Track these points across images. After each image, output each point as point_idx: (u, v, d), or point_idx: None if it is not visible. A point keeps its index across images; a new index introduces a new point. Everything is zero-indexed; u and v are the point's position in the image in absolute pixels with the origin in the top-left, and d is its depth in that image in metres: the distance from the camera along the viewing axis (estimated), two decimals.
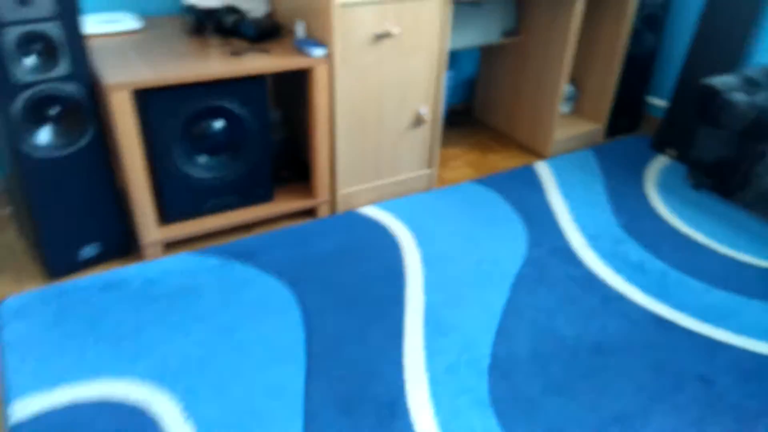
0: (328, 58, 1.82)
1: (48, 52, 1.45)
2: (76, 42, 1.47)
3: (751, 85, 2.16)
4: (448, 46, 2.06)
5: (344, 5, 1.77)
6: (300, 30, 1.87)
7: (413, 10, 1.90)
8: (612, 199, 2.29)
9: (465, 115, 2.98)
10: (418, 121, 2.12)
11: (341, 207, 2.14)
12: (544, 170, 2.48)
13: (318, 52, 1.78)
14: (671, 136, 2.60)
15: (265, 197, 2.01)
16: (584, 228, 2.11)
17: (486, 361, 1.54)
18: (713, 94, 2.16)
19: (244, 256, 1.88)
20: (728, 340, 1.65)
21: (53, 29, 1.42)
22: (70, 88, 1.52)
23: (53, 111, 1.53)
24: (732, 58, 2.39)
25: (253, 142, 1.88)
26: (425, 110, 2.11)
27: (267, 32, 1.87)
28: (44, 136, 1.55)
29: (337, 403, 1.41)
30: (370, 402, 1.42)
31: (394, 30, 1.88)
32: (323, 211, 2.11)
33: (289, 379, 1.47)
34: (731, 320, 1.72)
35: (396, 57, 1.96)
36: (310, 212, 2.14)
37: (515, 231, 2.07)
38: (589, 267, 1.91)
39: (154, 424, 1.34)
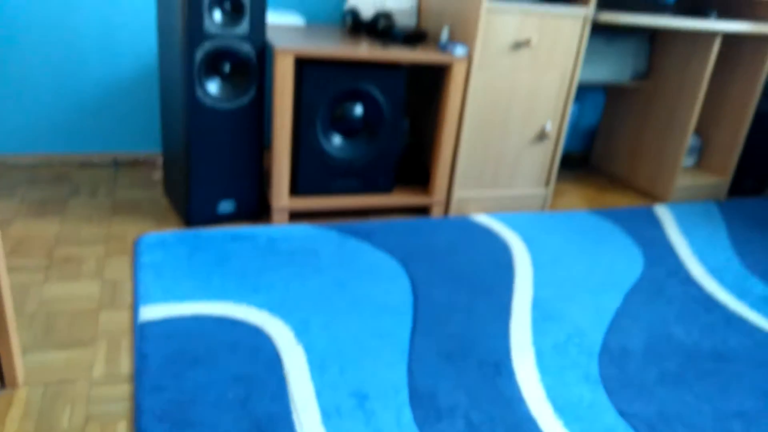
0: (468, 58, 1.97)
1: (235, 10, 1.68)
2: (259, 8, 1.71)
3: None
4: (580, 68, 2.15)
5: (490, 11, 1.92)
6: (444, 34, 2.04)
7: (553, 24, 2.03)
8: (735, 243, 2.20)
9: (582, 162, 3.01)
10: (541, 135, 2.19)
11: (454, 210, 2.21)
12: (663, 211, 2.44)
13: (460, 51, 1.93)
14: None
15: (385, 187, 2.12)
16: (705, 261, 2.03)
17: (596, 348, 1.50)
18: None
19: (360, 234, 1.97)
20: None
21: None
22: (245, 48, 1.74)
23: (226, 66, 1.75)
24: None
25: (385, 131, 2.02)
26: (550, 126, 2.18)
27: (414, 37, 2.05)
28: (214, 87, 1.77)
29: (441, 353, 1.42)
30: (474, 358, 1.42)
31: (534, 38, 2.01)
32: (437, 212, 2.19)
33: (396, 329, 1.50)
34: None
35: (530, 68, 2.07)
36: (423, 212, 2.22)
37: (631, 253, 2.04)
38: (710, 291, 1.83)
39: (269, 341, 1.41)
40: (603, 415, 1.28)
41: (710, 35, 2.33)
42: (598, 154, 2.95)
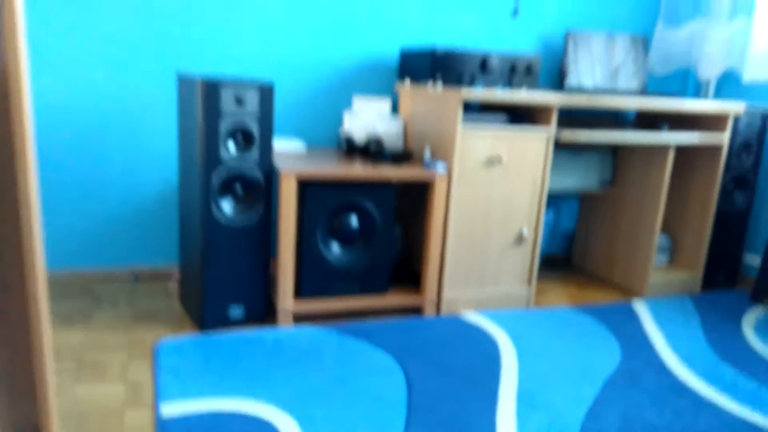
0: (448, 174, 2.25)
1: (246, 141, 1.98)
2: (266, 138, 2.01)
3: None
4: (548, 178, 2.43)
5: (464, 135, 2.23)
6: (427, 153, 2.34)
7: (521, 143, 2.33)
8: (707, 334, 2.37)
9: (564, 263, 3.24)
10: (519, 239, 2.43)
11: (445, 309, 2.40)
12: (640, 306, 2.63)
13: (441, 168, 2.21)
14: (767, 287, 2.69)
15: (381, 289, 2.33)
16: (678, 351, 2.20)
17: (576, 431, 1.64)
18: None
19: (358, 334, 2.16)
20: None
21: (254, 125, 1.96)
22: (256, 173, 2.02)
23: (239, 188, 2.02)
24: None
25: (378, 239, 2.26)
26: (527, 231, 2.43)
27: (401, 157, 2.35)
28: (228, 206, 2.03)
29: None
30: None
31: (504, 155, 2.30)
32: (429, 311, 2.38)
33: (391, 419, 1.65)
34: None
35: (503, 181, 2.35)
36: (416, 311, 2.41)
37: (609, 346, 2.21)
38: (682, 379, 1.99)
39: None
40: None
41: (665, 147, 2.64)
42: (577, 255, 3.18)
